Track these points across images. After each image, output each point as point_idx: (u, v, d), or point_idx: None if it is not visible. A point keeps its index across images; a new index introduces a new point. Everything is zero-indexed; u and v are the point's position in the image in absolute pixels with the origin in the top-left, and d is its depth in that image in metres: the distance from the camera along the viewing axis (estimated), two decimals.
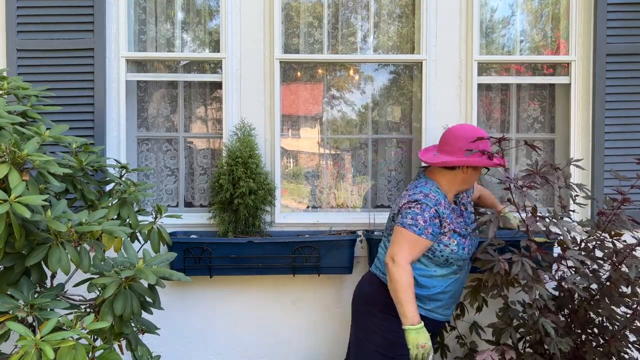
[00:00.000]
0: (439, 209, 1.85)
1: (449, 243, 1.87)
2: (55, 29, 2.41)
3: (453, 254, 1.88)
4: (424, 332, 1.76)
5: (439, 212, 1.85)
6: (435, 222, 1.84)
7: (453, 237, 1.88)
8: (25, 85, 1.84)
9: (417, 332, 1.73)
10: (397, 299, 1.79)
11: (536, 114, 2.75)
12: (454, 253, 1.88)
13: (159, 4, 2.63)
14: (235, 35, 2.53)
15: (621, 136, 2.52)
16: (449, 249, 1.87)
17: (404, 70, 2.71)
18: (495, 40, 2.69)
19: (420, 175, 2.04)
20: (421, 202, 1.84)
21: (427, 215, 1.83)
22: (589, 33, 2.56)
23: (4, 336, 1.37)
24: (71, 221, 1.46)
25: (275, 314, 2.54)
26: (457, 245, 1.88)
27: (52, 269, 1.44)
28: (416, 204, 1.85)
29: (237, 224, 2.37)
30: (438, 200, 1.87)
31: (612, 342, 1.98)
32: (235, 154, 2.34)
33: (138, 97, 2.66)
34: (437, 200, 1.87)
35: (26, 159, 1.42)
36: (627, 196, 2.04)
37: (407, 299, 1.76)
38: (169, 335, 2.50)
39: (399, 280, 1.77)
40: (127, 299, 1.51)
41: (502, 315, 2.05)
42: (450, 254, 1.88)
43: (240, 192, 2.28)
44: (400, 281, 1.77)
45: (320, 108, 2.71)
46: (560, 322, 1.97)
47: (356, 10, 2.67)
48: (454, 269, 1.93)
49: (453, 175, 1.95)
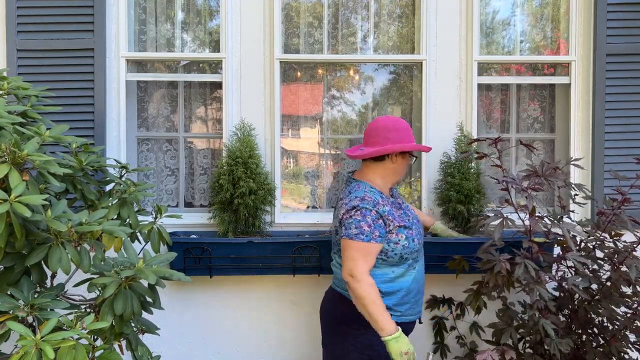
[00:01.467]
0: (378, 209, 1.80)
1: (398, 240, 1.81)
2: (55, 29, 2.41)
3: (405, 248, 1.82)
4: (403, 337, 1.73)
5: (379, 212, 1.80)
6: (379, 223, 1.79)
7: (400, 232, 1.82)
8: (25, 85, 1.84)
9: (396, 340, 1.70)
10: (368, 314, 1.73)
11: (536, 114, 2.75)
12: (406, 247, 1.82)
13: (159, 4, 2.63)
14: (235, 35, 2.53)
15: (621, 136, 2.52)
16: (399, 246, 1.81)
17: (404, 70, 2.71)
18: (496, 40, 2.69)
19: (350, 180, 1.99)
20: (359, 207, 1.79)
21: (369, 220, 1.77)
22: (589, 33, 2.56)
23: (4, 336, 1.37)
24: (71, 221, 1.46)
25: (275, 314, 2.54)
26: (406, 239, 1.82)
27: (52, 269, 1.44)
28: (355, 211, 1.79)
29: (237, 224, 2.37)
30: (375, 200, 1.82)
31: (612, 342, 1.99)
32: (235, 154, 2.33)
33: (138, 97, 2.66)
34: (375, 201, 1.82)
35: (26, 159, 1.42)
36: (627, 196, 2.04)
37: (378, 311, 1.72)
38: (169, 335, 2.50)
39: (366, 296, 1.72)
40: (127, 299, 1.51)
41: (502, 316, 2.06)
42: (403, 249, 1.82)
43: (241, 192, 2.28)
44: (366, 296, 1.72)
45: (320, 108, 2.71)
46: (561, 322, 1.97)
47: (356, 10, 2.67)
48: (409, 263, 1.87)
49: (383, 167, 1.92)
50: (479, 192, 2.40)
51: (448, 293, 2.52)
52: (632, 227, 2.02)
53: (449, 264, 2.24)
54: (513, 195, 2.66)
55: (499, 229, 1.85)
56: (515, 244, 2.16)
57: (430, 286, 2.53)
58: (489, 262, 1.96)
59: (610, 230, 2.13)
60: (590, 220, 2.18)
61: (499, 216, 1.89)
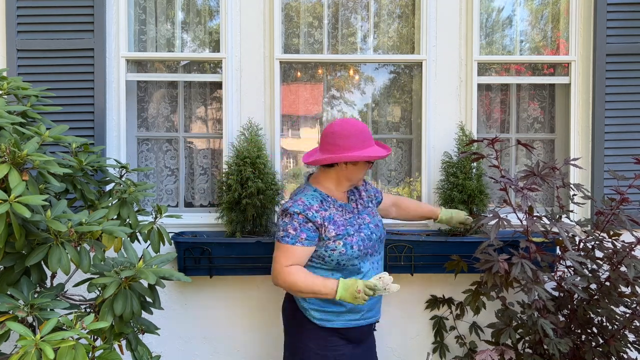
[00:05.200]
0: (308, 214, 1.78)
1: (335, 247, 1.80)
2: (55, 29, 2.42)
3: (342, 255, 1.80)
4: (347, 282, 1.71)
5: (308, 217, 1.78)
6: (307, 226, 1.78)
7: (337, 239, 1.80)
8: (25, 85, 1.84)
9: (344, 290, 1.69)
10: (306, 293, 1.75)
11: (536, 114, 2.75)
12: (343, 254, 1.80)
13: (159, 4, 2.63)
14: (235, 35, 2.53)
15: (621, 136, 2.52)
16: (336, 252, 1.79)
17: (404, 70, 2.71)
18: (495, 40, 2.69)
19: (304, 182, 2.00)
20: (289, 210, 1.80)
21: (296, 223, 1.78)
22: (589, 33, 2.56)
23: (4, 336, 1.37)
24: (71, 221, 1.46)
25: (275, 314, 2.54)
26: (344, 246, 1.80)
27: (52, 269, 1.44)
28: (284, 214, 1.81)
29: (245, 224, 2.37)
30: (307, 204, 1.80)
31: (611, 342, 1.99)
32: (244, 154, 2.33)
33: (138, 97, 2.67)
34: (306, 205, 1.80)
35: (26, 159, 1.42)
36: (626, 196, 2.04)
37: (311, 284, 1.73)
38: (169, 335, 2.51)
39: (294, 280, 1.74)
40: (127, 299, 1.51)
41: (502, 316, 2.06)
42: (340, 256, 1.80)
43: (249, 192, 2.28)
44: (294, 280, 1.74)
45: (321, 108, 2.71)
46: (560, 322, 1.97)
47: (356, 10, 2.67)
48: (350, 269, 1.84)
49: (335, 173, 1.89)
50: (482, 192, 2.39)
51: (448, 293, 2.52)
52: (631, 226, 2.02)
53: (447, 265, 2.25)
54: (512, 196, 2.67)
55: (495, 229, 1.85)
56: (514, 244, 2.16)
57: (430, 286, 2.54)
58: (487, 262, 1.96)
59: (609, 230, 2.13)
60: (589, 220, 2.18)
61: (495, 216, 1.89)
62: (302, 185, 1.97)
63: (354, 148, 1.82)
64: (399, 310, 2.53)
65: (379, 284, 1.69)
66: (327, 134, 1.87)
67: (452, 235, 2.41)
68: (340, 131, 1.84)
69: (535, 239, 2.05)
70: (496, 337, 2.04)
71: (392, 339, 2.54)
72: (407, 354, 2.56)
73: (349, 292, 1.69)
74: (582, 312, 2.05)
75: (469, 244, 2.28)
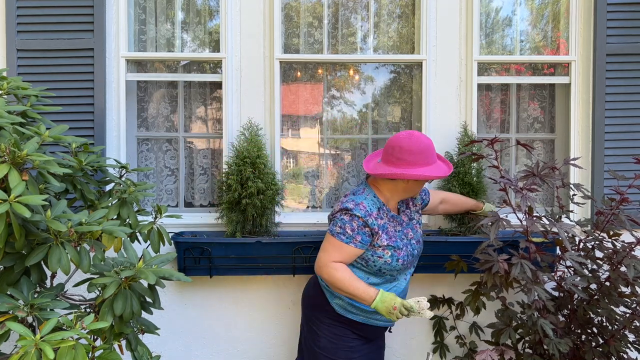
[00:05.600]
0: (368, 220, 1.82)
1: (382, 254, 1.85)
2: (55, 29, 2.41)
3: (386, 264, 1.85)
4: (386, 296, 1.77)
5: (367, 223, 1.82)
6: (364, 230, 1.82)
7: (387, 249, 1.85)
8: (25, 85, 1.84)
9: (381, 302, 1.75)
10: (345, 292, 1.81)
11: (536, 114, 2.75)
12: (387, 264, 1.85)
13: (159, 4, 2.63)
14: (235, 35, 2.53)
15: (621, 136, 2.52)
16: (382, 260, 1.85)
17: (404, 70, 2.71)
18: (495, 40, 2.69)
19: (363, 181, 2.02)
20: (351, 211, 1.82)
21: (355, 225, 1.82)
22: (589, 33, 2.56)
23: (4, 336, 1.37)
24: (71, 221, 1.46)
25: (275, 314, 2.54)
26: (390, 257, 1.85)
27: (52, 269, 1.44)
28: (346, 213, 1.84)
29: (245, 224, 2.37)
30: (369, 211, 1.84)
31: (611, 342, 1.99)
32: (244, 154, 2.33)
33: (138, 97, 2.66)
34: (368, 211, 1.83)
35: (26, 159, 1.42)
36: (626, 196, 2.04)
37: (355, 286, 1.79)
38: (169, 335, 2.51)
39: (338, 278, 1.80)
40: (127, 299, 1.51)
41: (502, 316, 2.06)
42: (384, 264, 1.85)
43: (249, 192, 2.28)
44: (339, 278, 1.80)
45: (320, 108, 2.71)
46: (560, 322, 1.97)
47: (356, 10, 2.67)
48: (387, 278, 1.91)
49: (394, 184, 1.90)
50: (483, 192, 2.39)
51: (448, 293, 2.52)
52: (631, 226, 2.02)
53: (447, 265, 2.25)
54: (512, 196, 2.67)
55: (494, 229, 1.85)
56: (514, 244, 2.16)
57: (430, 286, 2.54)
58: (487, 263, 1.96)
59: (609, 230, 2.13)
60: (589, 220, 2.18)
61: (495, 216, 1.89)
62: (361, 186, 1.97)
63: (418, 164, 1.82)
64: None
65: (416, 306, 1.74)
66: (393, 147, 1.85)
67: (452, 235, 2.42)
68: (407, 147, 1.82)
69: (535, 239, 2.05)
70: (496, 337, 2.04)
71: (392, 339, 2.54)
72: (407, 354, 2.56)
73: (385, 305, 1.74)
74: (582, 312, 2.05)
75: (469, 244, 2.28)
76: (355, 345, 1.94)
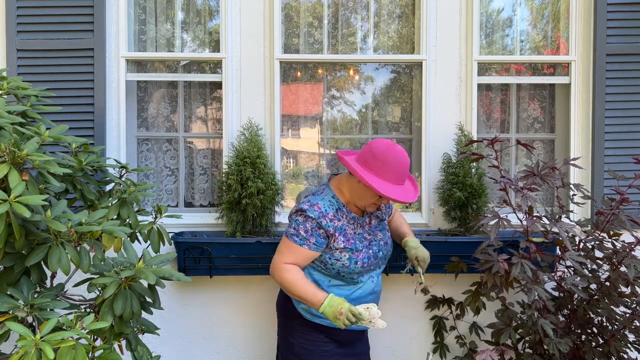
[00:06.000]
0: (322, 222, 1.78)
1: (340, 257, 1.82)
2: (55, 29, 2.41)
3: (344, 267, 1.82)
4: (334, 300, 1.71)
5: (322, 225, 1.78)
6: (318, 232, 1.79)
7: (345, 252, 1.82)
8: (25, 85, 1.84)
9: (329, 306, 1.70)
10: (296, 295, 1.79)
11: (536, 114, 2.75)
12: (346, 267, 1.82)
13: (159, 4, 2.63)
14: (235, 35, 2.53)
15: (621, 136, 2.52)
16: (339, 263, 1.82)
17: (404, 70, 2.71)
18: (495, 40, 2.69)
19: (325, 182, 1.99)
20: (305, 212, 1.79)
21: (308, 226, 1.78)
22: (589, 33, 2.56)
23: (4, 336, 1.37)
24: (71, 221, 1.46)
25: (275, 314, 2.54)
26: (348, 260, 1.82)
27: (52, 269, 1.44)
28: (300, 214, 1.81)
29: (245, 224, 2.37)
30: (323, 212, 1.80)
31: (611, 342, 1.99)
32: (244, 154, 2.33)
33: (138, 97, 2.66)
34: (322, 213, 1.79)
35: (26, 159, 1.42)
36: (626, 196, 2.04)
37: (304, 290, 1.75)
38: (169, 335, 2.51)
39: (288, 280, 1.78)
40: (127, 299, 1.51)
41: (502, 316, 2.06)
42: (342, 267, 1.82)
43: (249, 192, 2.28)
44: (288, 279, 1.78)
45: (320, 108, 2.71)
46: (560, 322, 1.97)
47: (356, 10, 2.67)
48: (348, 280, 1.88)
49: (352, 184, 1.84)
50: (483, 192, 2.39)
51: (448, 293, 2.52)
52: (631, 227, 2.02)
53: (447, 267, 2.25)
54: (512, 196, 2.67)
55: (494, 229, 1.85)
56: (514, 244, 2.16)
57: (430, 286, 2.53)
58: (487, 263, 1.96)
59: (609, 230, 2.13)
60: (589, 220, 2.18)
61: (495, 216, 1.89)
62: (322, 186, 1.96)
63: (381, 176, 1.74)
64: (399, 310, 2.53)
65: (365, 314, 1.67)
66: (371, 149, 1.78)
67: (452, 235, 2.41)
68: (382, 155, 1.75)
69: (535, 239, 2.05)
70: (496, 337, 2.04)
71: (392, 339, 2.54)
72: (407, 354, 2.56)
73: (332, 310, 1.69)
74: (582, 312, 2.05)
75: (469, 244, 2.28)
76: (330, 349, 1.89)
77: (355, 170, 1.75)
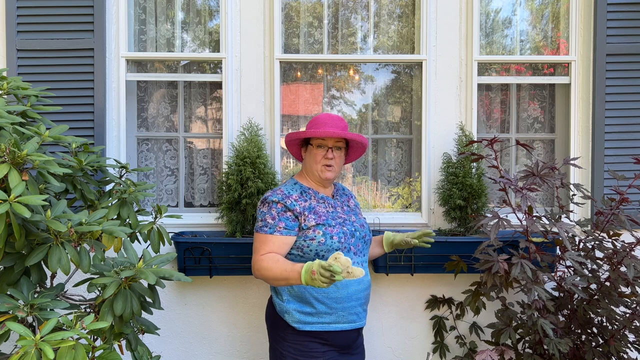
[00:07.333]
0: (286, 202, 1.79)
1: (314, 236, 1.77)
2: (55, 29, 2.41)
3: (321, 245, 1.77)
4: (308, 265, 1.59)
5: (287, 206, 1.78)
6: (286, 215, 1.77)
7: (317, 228, 1.78)
8: (25, 85, 1.84)
9: (305, 273, 1.58)
10: (278, 279, 1.68)
11: (536, 114, 2.75)
12: (322, 244, 1.77)
13: (159, 4, 2.63)
14: (235, 35, 2.53)
15: (621, 136, 2.52)
16: (315, 242, 1.77)
17: (404, 70, 2.71)
18: (496, 40, 2.69)
19: None
20: (267, 200, 1.81)
21: (274, 212, 1.78)
22: (589, 33, 2.56)
23: (4, 336, 1.38)
24: (71, 221, 1.46)
25: None
26: (323, 236, 1.77)
27: (52, 269, 1.44)
28: (263, 204, 1.82)
29: (245, 224, 2.37)
30: (287, 194, 1.82)
31: (611, 342, 1.99)
32: (243, 154, 2.33)
33: (138, 97, 2.66)
34: (286, 194, 1.81)
35: (26, 159, 1.42)
36: (626, 196, 2.04)
37: (281, 269, 1.66)
38: (169, 335, 2.51)
39: (264, 267, 1.71)
40: (127, 299, 1.51)
41: (502, 316, 2.06)
42: (318, 246, 1.77)
43: (249, 192, 2.28)
44: (264, 267, 1.70)
45: (320, 108, 2.71)
46: (560, 322, 1.97)
47: (356, 10, 2.67)
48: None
49: (304, 159, 1.97)
50: (483, 192, 2.39)
51: (448, 293, 2.52)
52: (631, 226, 2.02)
53: (447, 265, 2.25)
54: (512, 196, 2.67)
55: (494, 229, 1.85)
56: (514, 244, 2.16)
57: (430, 286, 2.53)
58: (487, 263, 1.96)
59: (609, 230, 2.13)
60: (589, 220, 2.18)
61: (495, 216, 1.89)
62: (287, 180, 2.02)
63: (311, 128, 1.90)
64: (399, 310, 2.53)
65: (336, 265, 1.50)
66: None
67: (452, 235, 2.42)
68: (316, 117, 1.93)
69: (535, 239, 2.05)
70: (496, 337, 2.04)
71: (392, 339, 2.54)
72: (407, 354, 2.56)
73: (308, 275, 1.57)
74: (582, 312, 2.05)
75: (469, 244, 2.28)
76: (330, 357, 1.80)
77: (291, 133, 1.93)
